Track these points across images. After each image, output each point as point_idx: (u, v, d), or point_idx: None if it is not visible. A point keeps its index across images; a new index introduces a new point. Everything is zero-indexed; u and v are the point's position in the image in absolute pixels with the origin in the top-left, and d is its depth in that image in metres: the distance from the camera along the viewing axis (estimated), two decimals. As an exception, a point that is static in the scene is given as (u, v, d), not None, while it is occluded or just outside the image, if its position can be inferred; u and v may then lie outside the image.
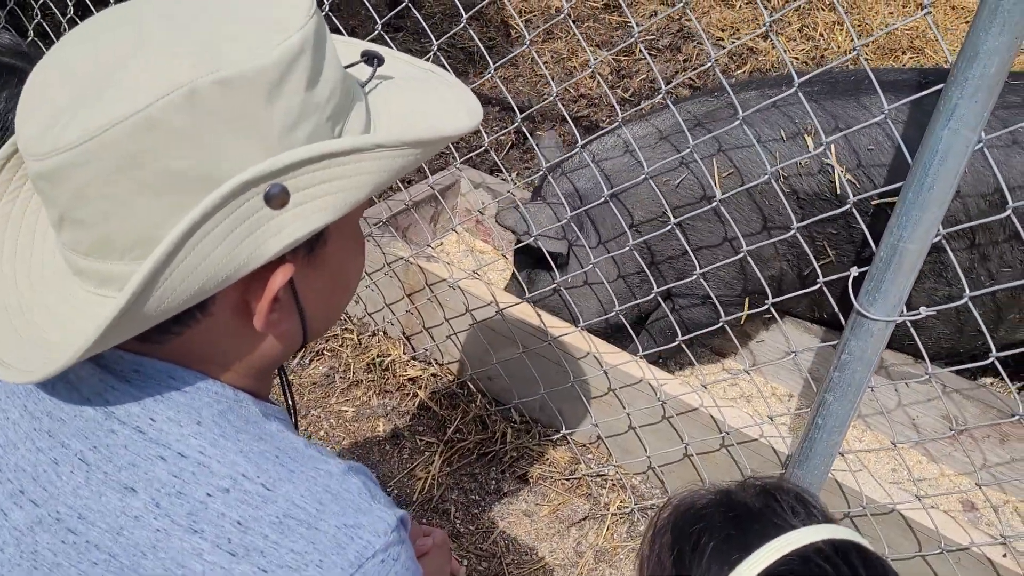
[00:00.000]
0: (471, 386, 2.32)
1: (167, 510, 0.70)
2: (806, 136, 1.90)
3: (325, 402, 2.38)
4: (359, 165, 0.74)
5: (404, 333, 2.43)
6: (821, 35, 4.14)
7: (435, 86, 0.90)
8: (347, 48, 0.95)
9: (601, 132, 2.14)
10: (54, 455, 0.74)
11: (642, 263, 2.00)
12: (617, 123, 1.89)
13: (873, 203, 1.87)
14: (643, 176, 1.80)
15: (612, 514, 2.07)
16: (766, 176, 1.57)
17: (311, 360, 2.49)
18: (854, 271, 1.46)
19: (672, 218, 1.78)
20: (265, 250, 0.71)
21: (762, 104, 1.56)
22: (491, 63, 1.93)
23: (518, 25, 4.29)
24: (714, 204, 1.66)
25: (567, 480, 2.15)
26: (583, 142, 2.12)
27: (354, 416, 2.35)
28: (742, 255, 1.62)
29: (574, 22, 4.31)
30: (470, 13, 2.05)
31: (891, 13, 4.38)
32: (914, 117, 1.83)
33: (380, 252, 2.32)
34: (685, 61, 4.14)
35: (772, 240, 1.68)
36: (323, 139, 0.73)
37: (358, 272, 0.92)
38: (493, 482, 2.18)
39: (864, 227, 1.45)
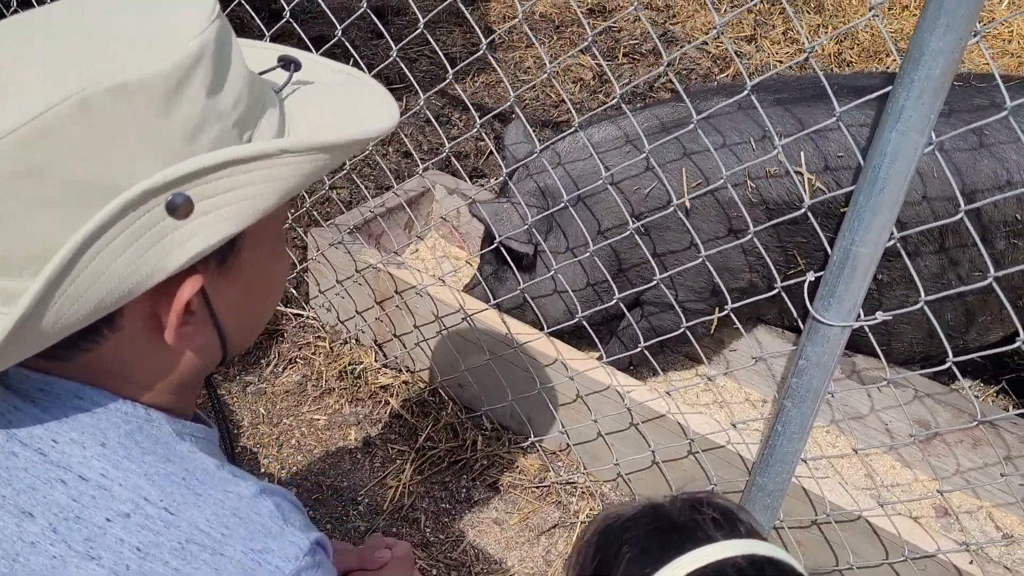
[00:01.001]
0: (442, 393, 2.30)
1: (64, 535, 0.69)
2: (774, 142, 1.88)
3: (298, 410, 2.36)
4: (265, 172, 0.72)
5: (376, 340, 2.41)
6: (806, 38, 4.13)
7: (355, 90, 0.89)
8: (265, 53, 0.93)
9: (567, 132, 2.12)
10: None
11: (606, 272, 1.98)
12: (581, 121, 1.88)
13: (841, 210, 1.85)
14: (608, 181, 1.78)
15: (582, 522, 2.05)
16: (721, 180, 1.55)
17: (284, 368, 2.47)
18: (810, 276, 1.44)
19: (638, 224, 1.77)
20: (169, 262, 0.69)
21: (721, 105, 1.54)
22: (450, 69, 1.91)
23: (502, 32, 4.28)
24: (672, 208, 1.64)
25: (537, 488, 2.13)
26: (550, 141, 2.10)
27: (326, 424, 2.33)
28: (700, 260, 1.61)
29: (557, 27, 4.30)
30: (426, 18, 2.03)
31: (875, 16, 4.36)
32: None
33: (351, 259, 2.30)
34: (668, 65, 4.12)
35: (728, 246, 1.67)
36: (229, 146, 0.72)
37: (279, 281, 0.90)
38: (464, 490, 2.16)
39: (820, 234, 1.43)
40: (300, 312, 2.56)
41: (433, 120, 2.03)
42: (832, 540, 1.75)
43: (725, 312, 1.63)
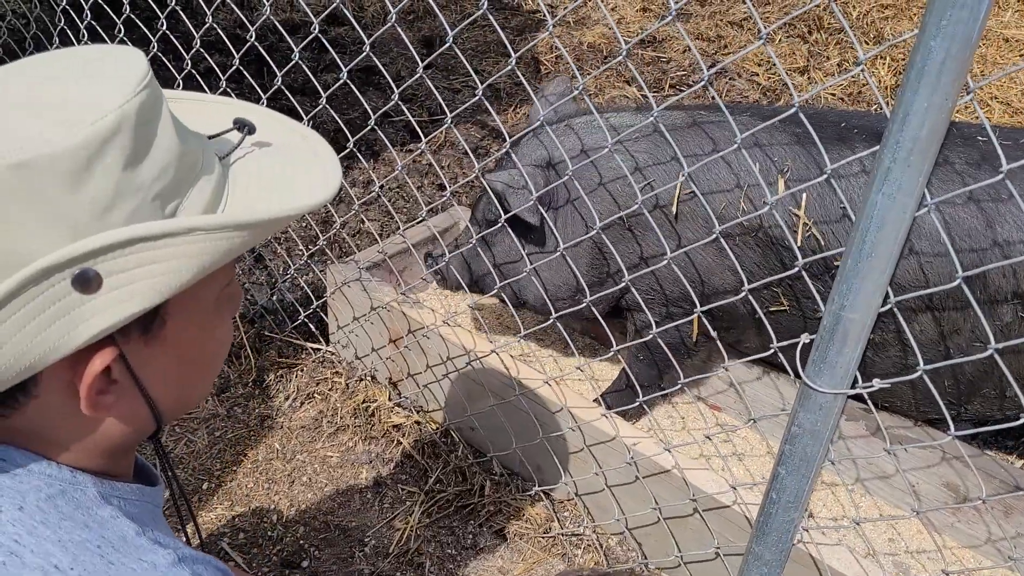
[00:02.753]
0: (453, 436, 2.27)
1: None
2: (780, 180, 1.81)
3: (312, 446, 2.36)
4: (176, 249, 0.70)
5: (390, 379, 2.39)
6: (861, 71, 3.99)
7: (302, 156, 0.87)
8: (223, 110, 0.92)
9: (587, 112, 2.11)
10: None
11: (588, 265, 2.00)
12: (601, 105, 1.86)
13: (836, 263, 1.76)
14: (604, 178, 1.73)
15: (586, 576, 1.98)
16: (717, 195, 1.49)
17: (302, 403, 2.47)
18: (804, 338, 1.36)
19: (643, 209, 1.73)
20: (76, 336, 0.69)
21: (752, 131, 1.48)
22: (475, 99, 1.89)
23: (549, 61, 4.27)
24: (634, 206, 1.57)
25: (543, 538, 2.07)
26: (570, 117, 2.10)
27: (339, 462, 2.32)
28: (665, 261, 1.57)
29: (605, 58, 4.26)
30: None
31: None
32: None
33: (367, 296, 2.29)
34: (708, 84, 4.04)
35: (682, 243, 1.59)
36: (148, 219, 0.71)
37: (216, 349, 0.88)
38: (470, 536, 2.12)
39: (812, 288, 1.35)
40: (319, 347, 2.57)
41: (470, 153, 2.01)
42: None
43: (699, 312, 1.56)
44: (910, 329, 1.74)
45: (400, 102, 1.95)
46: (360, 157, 2.21)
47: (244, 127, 0.84)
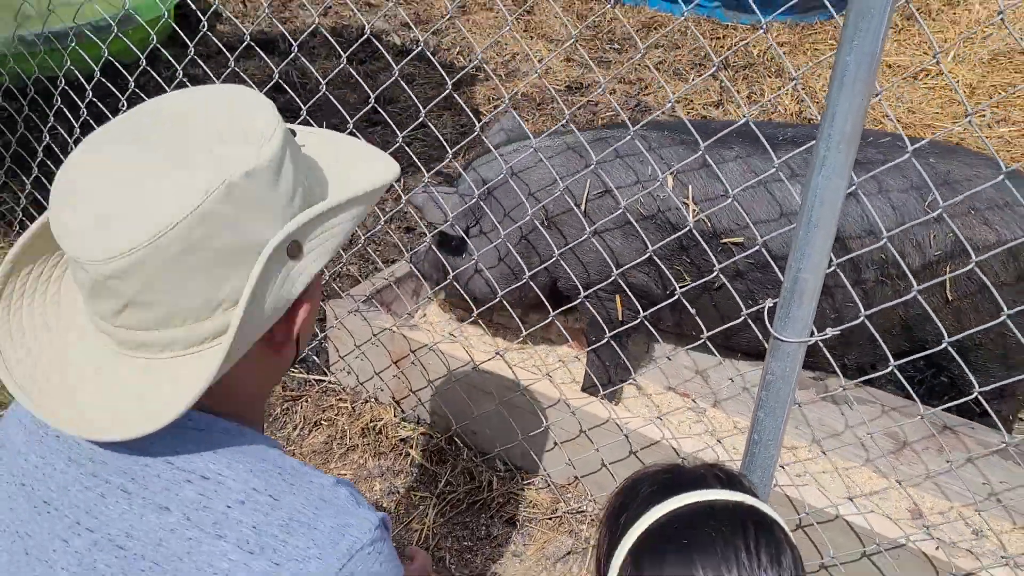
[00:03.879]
0: (458, 441, 2.53)
1: (196, 522, 0.89)
2: (669, 177, 2.21)
3: (325, 467, 2.57)
4: (341, 216, 0.97)
5: (394, 397, 2.64)
6: (769, 100, 4.47)
7: (344, 147, 1.13)
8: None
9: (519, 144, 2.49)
10: (100, 490, 0.92)
11: (519, 259, 2.34)
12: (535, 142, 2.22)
13: (722, 241, 2.16)
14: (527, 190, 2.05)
15: (593, 547, 2.25)
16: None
17: (310, 431, 2.69)
18: (768, 302, 1.69)
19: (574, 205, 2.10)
20: (294, 291, 0.94)
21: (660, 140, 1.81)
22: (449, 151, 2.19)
23: (488, 112, 4.62)
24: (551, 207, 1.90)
25: (550, 519, 2.33)
26: (505, 147, 2.47)
27: (352, 478, 2.54)
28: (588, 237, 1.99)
29: (539, 104, 4.64)
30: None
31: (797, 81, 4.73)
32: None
33: (367, 325, 2.55)
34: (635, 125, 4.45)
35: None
36: (309, 204, 0.97)
37: (318, 309, 1.15)
38: (483, 528, 2.37)
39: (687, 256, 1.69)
40: (322, 378, 2.79)
41: (435, 195, 2.32)
42: (815, 539, 1.96)
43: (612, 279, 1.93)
44: (859, 289, 2.11)
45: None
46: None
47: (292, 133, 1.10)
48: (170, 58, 3.10)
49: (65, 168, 0.90)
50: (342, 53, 2.23)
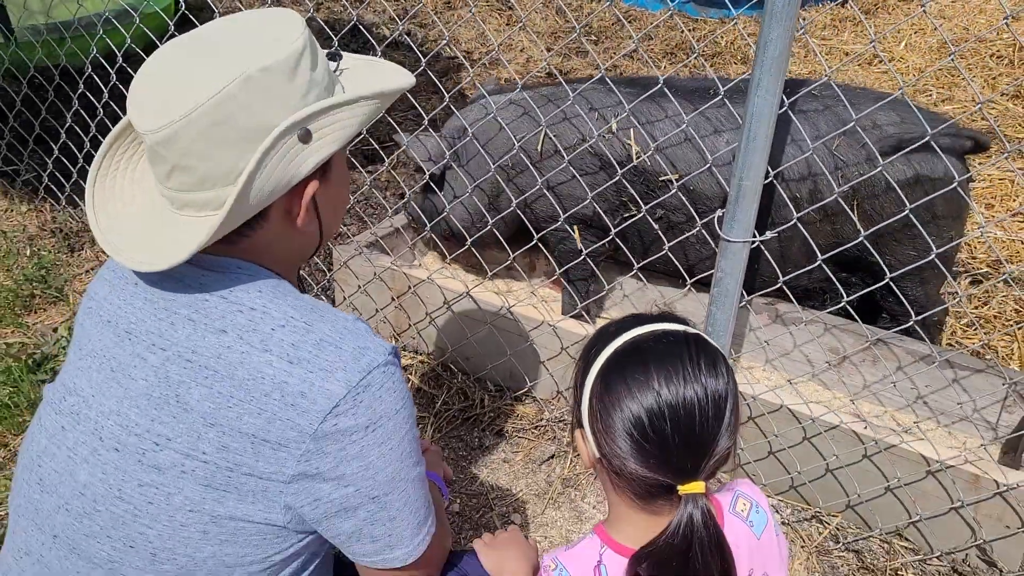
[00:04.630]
0: (452, 366, 2.82)
1: (247, 340, 1.14)
2: (613, 121, 2.56)
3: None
4: (350, 110, 1.21)
5: (395, 331, 2.93)
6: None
7: (381, 67, 1.41)
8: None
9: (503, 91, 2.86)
10: (171, 320, 1.19)
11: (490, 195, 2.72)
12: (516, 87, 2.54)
13: (660, 179, 2.50)
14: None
15: (574, 449, 2.55)
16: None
17: (318, 364, 2.97)
18: (719, 212, 2.00)
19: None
20: (303, 170, 1.18)
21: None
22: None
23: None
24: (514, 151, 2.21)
25: (535, 428, 2.64)
26: (488, 92, 2.82)
27: (357, 403, 2.82)
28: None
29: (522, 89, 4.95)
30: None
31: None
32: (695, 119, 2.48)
33: (370, 265, 2.84)
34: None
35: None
36: (325, 99, 1.24)
37: (346, 199, 1.40)
38: (476, 440, 2.66)
39: (632, 190, 2.02)
40: (328, 318, 3.08)
41: (419, 137, 2.65)
42: (765, 429, 2.27)
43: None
44: (797, 208, 2.43)
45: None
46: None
47: (336, 56, 1.32)
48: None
49: (144, 65, 1.17)
50: (335, 40, 2.53)
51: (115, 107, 3.30)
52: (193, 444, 1.13)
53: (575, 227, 2.71)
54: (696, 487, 1.10)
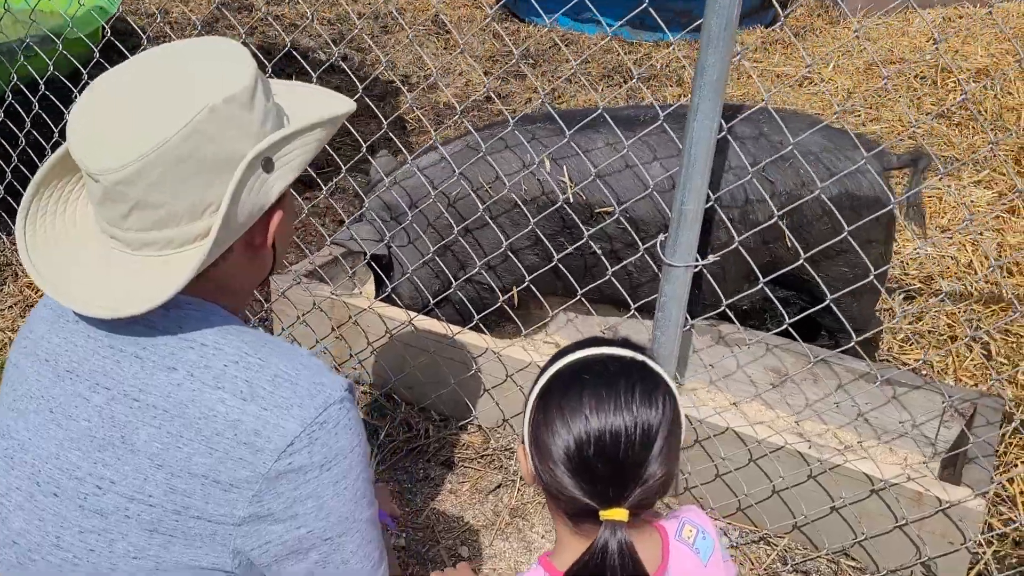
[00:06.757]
0: (396, 396, 2.77)
1: (199, 377, 1.12)
2: (546, 160, 2.53)
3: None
4: (308, 137, 1.22)
5: (335, 361, 2.87)
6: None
7: (317, 93, 1.38)
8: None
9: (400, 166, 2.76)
10: (116, 358, 1.15)
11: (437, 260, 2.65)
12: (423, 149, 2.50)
13: (596, 210, 2.52)
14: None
15: (521, 478, 2.51)
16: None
17: (256, 397, 2.89)
18: (661, 237, 2.00)
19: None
20: (269, 198, 1.18)
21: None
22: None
23: (413, 119, 4.91)
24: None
25: (482, 458, 2.59)
26: (390, 175, 2.75)
27: (298, 437, 2.75)
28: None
29: (461, 112, 4.94)
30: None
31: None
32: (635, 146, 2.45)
33: (309, 295, 2.78)
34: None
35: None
36: (279, 128, 1.22)
37: (292, 229, 1.40)
38: (421, 471, 2.61)
39: (579, 223, 2.05)
40: (266, 349, 3.00)
41: (362, 194, 2.61)
42: (711, 452, 2.27)
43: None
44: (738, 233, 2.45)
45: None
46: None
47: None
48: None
49: (81, 100, 1.14)
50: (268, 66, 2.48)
51: (37, 135, 3.20)
52: (139, 487, 1.09)
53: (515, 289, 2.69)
54: (617, 514, 1.10)
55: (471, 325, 2.61)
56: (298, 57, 2.85)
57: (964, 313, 3.13)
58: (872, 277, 1.90)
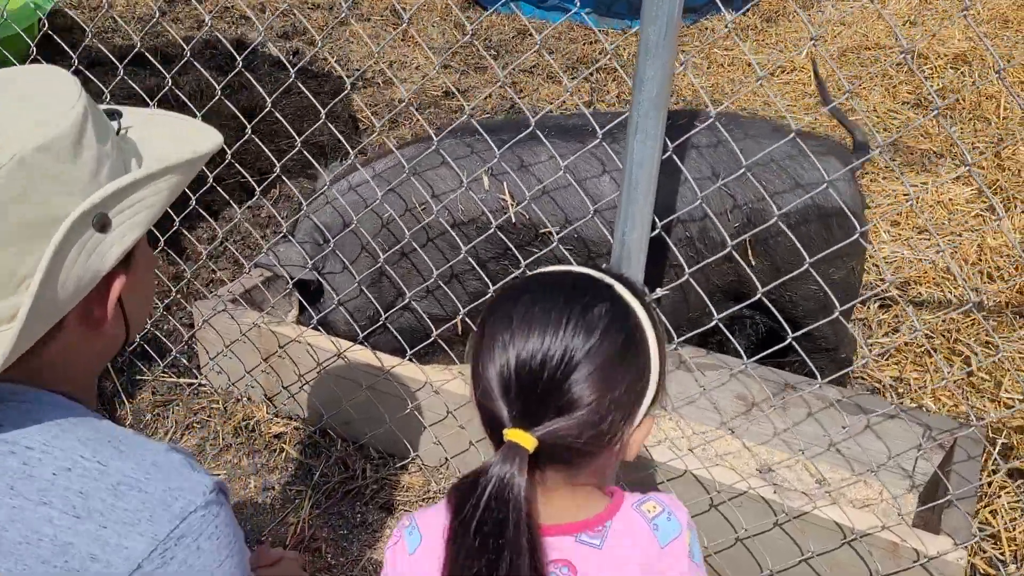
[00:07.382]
0: (331, 432, 2.55)
1: (20, 491, 0.90)
2: (484, 176, 2.28)
3: (198, 469, 2.55)
4: (154, 187, 0.99)
5: (266, 395, 2.64)
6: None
7: (177, 125, 1.16)
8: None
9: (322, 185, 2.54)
10: None
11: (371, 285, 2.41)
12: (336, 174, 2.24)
13: (541, 230, 2.28)
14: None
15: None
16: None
17: (182, 434, 2.66)
18: (604, 267, 1.78)
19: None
20: (106, 264, 0.95)
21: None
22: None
23: (366, 118, 4.66)
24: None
25: (423, 501, 2.38)
26: (319, 189, 2.50)
27: (227, 478, 2.52)
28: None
29: (416, 110, 4.69)
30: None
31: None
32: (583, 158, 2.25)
33: (235, 323, 2.54)
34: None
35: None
36: (119, 176, 0.99)
37: (152, 284, 1.17)
38: (359, 516, 2.39)
39: (522, 245, 1.80)
40: (192, 380, 2.77)
41: (304, 203, 2.37)
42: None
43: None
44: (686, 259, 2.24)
45: (235, 163, 2.28)
46: (206, 215, 2.51)
47: (114, 114, 1.09)
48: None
49: None
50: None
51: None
52: None
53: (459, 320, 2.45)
54: (519, 436, 0.98)
55: (409, 355, 2.39)
56: (235, 55, 2.60)
57: (944, 324, 2.94)
58: (837, 314, 1.70)
